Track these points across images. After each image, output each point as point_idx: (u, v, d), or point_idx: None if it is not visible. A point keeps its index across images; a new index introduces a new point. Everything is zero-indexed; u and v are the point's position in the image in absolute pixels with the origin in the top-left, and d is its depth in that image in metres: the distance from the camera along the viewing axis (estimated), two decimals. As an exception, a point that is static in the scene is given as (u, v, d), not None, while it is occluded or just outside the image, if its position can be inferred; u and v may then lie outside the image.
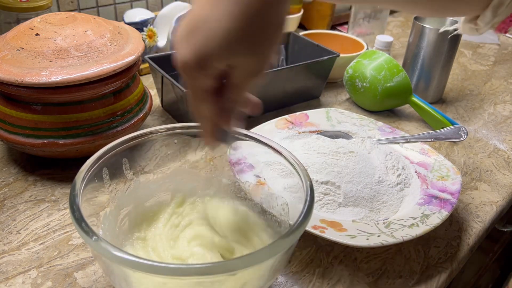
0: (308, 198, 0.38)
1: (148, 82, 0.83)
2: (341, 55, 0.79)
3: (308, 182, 0.40)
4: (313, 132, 0.65)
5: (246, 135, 0.46)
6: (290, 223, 0.43)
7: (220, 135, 0.37)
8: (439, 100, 0.87)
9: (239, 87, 0.33)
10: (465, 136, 0.61)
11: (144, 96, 0.64)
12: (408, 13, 1.13)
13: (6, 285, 0.44)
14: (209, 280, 0.34)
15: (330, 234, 0.46)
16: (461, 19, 0.42)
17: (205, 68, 0.30)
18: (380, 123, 0.67)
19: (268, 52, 0.31)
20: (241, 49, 0.30)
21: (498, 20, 0.38)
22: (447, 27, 0.77)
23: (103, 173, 0.42)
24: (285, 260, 0.39)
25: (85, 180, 0.39)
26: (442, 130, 0.63)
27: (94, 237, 0.33)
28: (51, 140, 0.54)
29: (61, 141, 0.54)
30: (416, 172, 0.58)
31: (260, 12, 0.29)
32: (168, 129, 0.47)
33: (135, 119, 0.60)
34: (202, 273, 0.31)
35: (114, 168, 0.44)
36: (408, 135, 0.64)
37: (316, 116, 0.67)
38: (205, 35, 0.29)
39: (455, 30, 0.76)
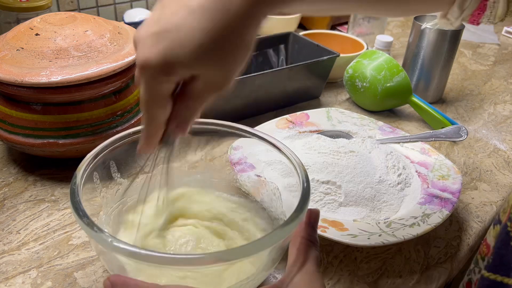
0: (305, 184, 0.38)
1: (148, 82, 0.83)
2: (341, 55, 0.79)
3: (304, 173, 0.40)
4: (314, 131, 0.65)
5: (246, 132, 0.46)
6: (283, 209, 0.44)
7: (168, 139, 0.36)
8: (439, 100, 0.87)
9: (200, 97, 0.33)
10: (466, 136, 0.61)
11: (144, 96, 0.64)
12: (381, 16, 1.14)
13: (6, 285, 0.44)
14: (207, 271, 0.34)
15: (332, 234, 0.46)
16: (438, 14, 0.43)
17: (169, 73, 0.30)
18: (380, 123, 0.67)
19: (234, 70, 0.31)
20: (209, 62, 0.30)
21: (466, 14, 0.40)
22: (429, 23, 0.79)
23: (94, 175, 0.42)
24: (285, 247, 0.39)
25: (84, 179, 0.39)
26: (443, 130, 0.63)
27: (106, 234, 0.33)
28: (51, 140, 0.54)
29: (61, 141, 0.54)
30: (416, 171, 0.58)
31: (235, 32, 0.29)
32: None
33: (135, 119, 0.60)
34: (198, 263, 0.31)
35: (108, 168, 0.44)
36: (408, 134, 0.64)
37: (316, 116, 0.67)
38: (176, 41, 0.29)
39: (436, 24, 0.78)
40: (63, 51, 0.53)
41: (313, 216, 0.37)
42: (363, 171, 0.55)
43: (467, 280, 0.47)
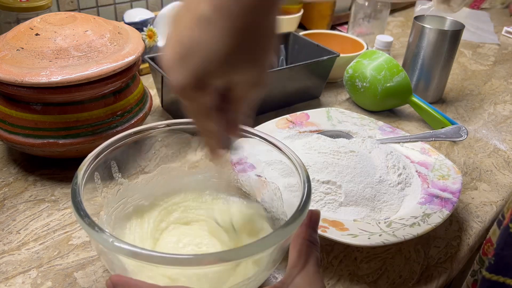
0: (306, 184, 0.39)
1: (148, 82, 0.83)
2: (341, 55, 0.79)
3: (305, 173, 0.40)
4: (314, 131, 0.65)
5: (247, 132, 0.46)
6: (284, 209, 0.44)
7: (227, 143, 0.38)
8: (439, 100, 0.87)
9: (242, 99, 0.34)
10: (466, 136, 0.61)
11: (144, 96, 0.64)
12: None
13: (6, 285, 0.44)
14: (208, 271, 0.34)
15: (332, 234, 0.46)
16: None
17: (204, 87, 0.30)
18: (380, 123, 0.67)
19: (265, 61, 0.31)
20: (239, 63, 0.30)
21: (469, 1, 0.39)
22: (423, 5, 0.79)
23: (95, 175, 0.42)
24: (286, 248, 0.39)
25: (85, 179, 0.39)
26: (443, 130, 0.63)
27: (107, 234, 0.33)
28: (51, 140, 0.54)
29: (61, 141, 0.54)
30: (416, 171, 0.58)
31: (253, 24, 0.29)
32: (168, 125, 0.47)
33: (135, 119, 0.60)
34: (200, 263, 0.31)
35: (109, 168, 0.44)
36: (408, 134, 0.64)
37: (316, 116, 0.67)
38: (202, 56, 0.29)
39: (430, 8, 0.78)
40: (63, 51, 0.53)
41: (314, 217, 0.37)
42: (363, 171, 0.55)
43: (473, 281, 0.47)
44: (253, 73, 0.31)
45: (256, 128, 0.62)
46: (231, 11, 0.28)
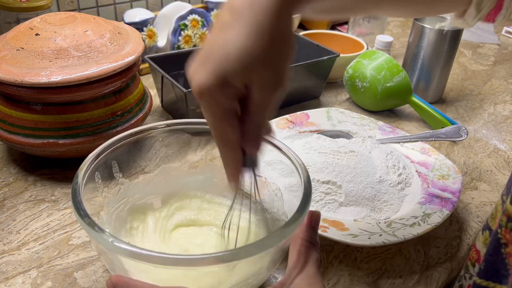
0: (306, 185, 0.39)
1: (148, 82, 0.83)
2: (341, 55, 0.79)
3: (305, 173, 0.40)
4: (314, 131, 0.65)
5: None
6: (284, 210, 0.45)
7: (247, 161, 0.36)
8: (439, 100, 0.87)
9: (261, 105, 0.33)
10: (466, 136, 0.61)
11: (144, 96, 0.64)
12: (394, 17, 1.15)
13: (6, 285, 0.44)
14: (208, 271, 0.34)
15: (332, 234, 0.46)
16: (451, 14, 0.43)
17: (224, 87, 0.31)
18: (380, 123, 0.67)
19: (283, 64, 0.32)
20: (258, 63, 0.31)
21: (483, 14, 0.41)
22: (442, 23, 0.79)
23: (96, 175, 0.42)
24: (286, 249, 0.39)
25: (85, 178, 0.39)
26: (443, 130, 0.63)
27: (107, 234, 0.33)
28: (51, 140, 0.54)
29: (61, 141, 0.54)
30: (417, 171, 0.58)
31: (271, 26, 0.30)
32: (168, 125, 0.47)
33: (135, 119, 0.60)
34: (202, 263, 0.31)
35: (110, 168, 0.44)
36: (408, 134, 0.64)
37: (316, 116, 0.67)
38: (222, 56, 0.30)
39: (444, 26, 0.79)
40: (63, 51, 0.53)
41: (314, 218, 0.37)
42: (363, 171, 0.55)
43: (458, 286, 0.47)
44: (270, 74, 0.31)
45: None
46: (246, 16, 0.30)
